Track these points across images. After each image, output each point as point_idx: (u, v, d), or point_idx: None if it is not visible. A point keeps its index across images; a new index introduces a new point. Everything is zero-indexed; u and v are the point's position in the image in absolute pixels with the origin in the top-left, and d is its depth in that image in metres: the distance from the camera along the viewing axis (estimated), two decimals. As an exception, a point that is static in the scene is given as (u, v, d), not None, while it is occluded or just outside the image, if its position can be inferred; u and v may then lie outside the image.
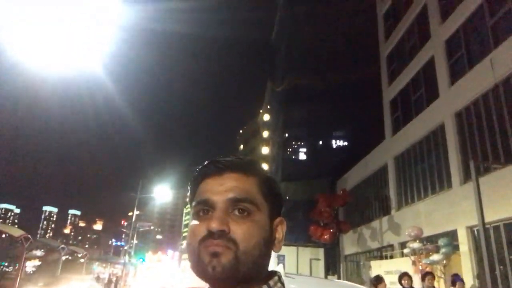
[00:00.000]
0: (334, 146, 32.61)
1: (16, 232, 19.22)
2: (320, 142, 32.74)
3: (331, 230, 20.64)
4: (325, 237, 20.86)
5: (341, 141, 32.82)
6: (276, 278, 0.78)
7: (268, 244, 0.76)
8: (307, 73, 32.53)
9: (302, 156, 33.46)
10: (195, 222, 0.77)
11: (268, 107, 47.39)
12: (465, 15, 14.67)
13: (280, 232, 0.81)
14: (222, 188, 0.77)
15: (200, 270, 0.73)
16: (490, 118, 12.49)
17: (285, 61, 35.25)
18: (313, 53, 32.66)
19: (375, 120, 23.34)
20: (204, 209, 0.77)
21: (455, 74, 15.05)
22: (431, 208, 15.18)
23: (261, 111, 51.96)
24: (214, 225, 0.71)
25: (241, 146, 58.69)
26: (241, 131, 62.87)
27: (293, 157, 33.85)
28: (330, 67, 31.54)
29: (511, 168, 10.78)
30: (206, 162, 0.84)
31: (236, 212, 0.75)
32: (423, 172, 16.49)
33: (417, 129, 17.23)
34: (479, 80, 13.12)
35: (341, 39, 31.61)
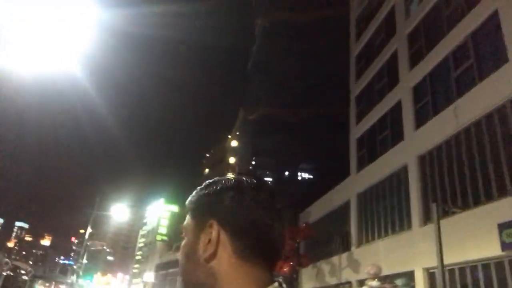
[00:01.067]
0: (300, 178, 32.88)
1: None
2: (286, 173, 32.95)
3: (291, 263, 20.41)
4: (285, 270, 20.57)
5: (307, 173, 33.18)
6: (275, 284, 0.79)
7: (191, 257, 0.82)
8: (279, 105, 33.09)
9: (268, 186, 33.44)
10: None
11: (237, 133, 47.52)
12: (432, 65, 15.53)
13: (203, 237, 0.82)
14: None
15: None
16: (451, 163, 13.03)
17: (259, 91, 35.76)
18: (287, 86, 33.40)
19: (341, 156, 23.84)
20: None
21: (421, 119, 15.73)
22: (390, 247, 15.39)
23: (229, 136, 51.98)
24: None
25: (207, 170, 58.05)
26: (207, 155, 62.35)
27: (258, 186, 33.70)
28: (302, 102, 32.28)
29: (468, 213, 11.17)
30: None
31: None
32: (385, 211, 16.82)
33: (381, 168, 17.69)
34: (443, 126, 13.76)
35: (314, 76, 32.59)
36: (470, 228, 10.88)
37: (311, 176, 32.68)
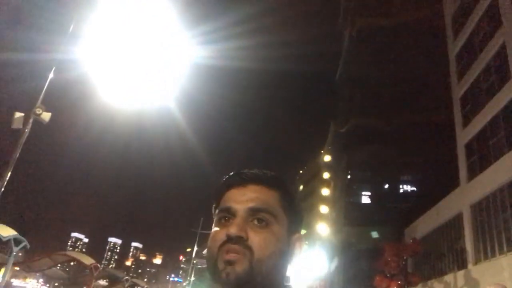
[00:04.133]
0: (401, 191, 30.81)
1: (88, 260, 20.10)
2: (386, 187, 31.16)
3: (399, 282, 19.04)
4: (391, 289, 19.30)
5: (409, 186, 30.97)
6: None
7: (284, 256, 0.79)
8: (371, 114, 31.76)
9: (366, 200, 31.92)
10: (216, 228, 0.82)
11: (330, 148, 46.63)
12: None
13: (298, 247, 0.83)
14: (244, 198, 0.82)
15: (215, 276, 0.75)
16: None
17: (349, 102, 34.84)
18: (378, 95, 31.99)
19: (446, 165, 21.89)
20: (225, 216, 0.82)
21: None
22: (517, 265, 13.46)
23: (322, 151, 51.23)
24: (233, 231, 0.76)
25: (301, 187, 57.80)
26: (301, 172, 62.14)
27: (356, 201, 32.41)
28: (396, 109, 30.56)
29: None
30: (231, 173, 0.89)
31: (255, 222, 0.79)
32: (506, 223, 14.82)
33: (498, 175, 15.72)
34: None
35: (408, 81, 30.71)
36: None
37: (414, 188, 30.39)
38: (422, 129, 28.18)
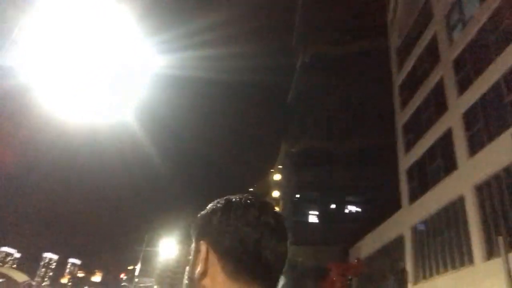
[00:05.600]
0: (347, 212, 31.92)
1: (21, 277, 18.63)
2: (333, 207, 32.14)
3: (342, 301, 19.57)
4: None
5: (355, 207, 32.17)
6: None
7: (191, 277, 0.85)
8: (322, 137, 32.88)
9: (314, 220, 32.67)
10: None
11: (280, 166, 47.42)
12: (483, 90, 14.95)
13: (197, 257, 0.86)
14: None
15: None
16: (513, 193, 12.21)
17: (300, 124, 35.84)
18: (329, 118, 33.27)
19: (389, 188, 23.03)
20: None
21: (474, 146, 15.01)
22: (451, 284, 14.38)
23: (272, 170, 51.95)
24: None
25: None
26: (251, 189, 62.49)
27: (304, 220, 33.07)
28: (345, 133, 31.91)
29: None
30: None
31: None
32: (442, 245, 15.86)
33: (435, 200, 16.87)
34: (500, 153, 13.02)
35: (356, 107, 32.30)
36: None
37: (359, 209, 31.64)
38: (369, 153, 29.58)
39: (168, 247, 39.08)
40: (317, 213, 32.94)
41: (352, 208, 32.24)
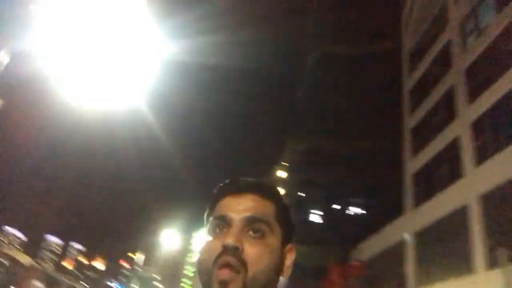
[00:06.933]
0: (350, 213, 32.02)
1: (26, 260, 19.01)
2: (336, 207, 32.24)
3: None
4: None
5: (358, 208, 32.25)
6: None
7: (277, 270, 0.77)
8: (329, 137, 32.91)
9: (317, 219, 32.82)
10: (210, 238, 0.80)
11: (286, 164, 47.49)
12: (493, 100, 14.92)
13: (289, 259, 0.81)
14: (240, 207, 0.79)
15: None
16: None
17: (308, 122, 35.87)
18: (337, 118, 33.27)
19: (394, 192, 23.08)
20: (220, 225, 0.80)
21: (482, 156, 15.01)
22: (451, 292, 14.47)
23: (277, 167, 51.99)
24: (230, 241, 0.73)
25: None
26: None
27: (307, 219, 33.23)
28: (353, 135, 31.90)
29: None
30: (227, 181, 0.87)
31: (251, 232, 0.77)
32: (445, 253, 15.93)
33: (440, 206, 16.91)
34: (507, 164, 13.04)
35: (365, 109, 32.25)
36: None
37: (363, 212, 31.72)
38: (375, 155, 29.58)
39: (170, 237, 39.37)
40: (320, 212, 33.08)
41: (355, 210, 32.32)
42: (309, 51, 40.99)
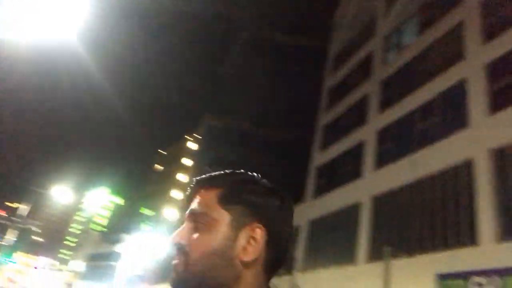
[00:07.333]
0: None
1: None
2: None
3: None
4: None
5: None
6: None
7: (224, 255, 0.76)
8: (246, 119, 33.47)
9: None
10: None
11: (199, 137, 47.25)
12: (400, 114, 16.59)
13: (243, 238, 0.78)
14: (191, 205, 0.84)
15: None
16: (403, 209, 13.95)
17: (229, 100, 35.96)
18: (257, 102, 33.89)
19: (299, 181, 24.49)
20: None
21: (381, 162, 16.69)
22: (334, 278, 16.02)
23: (190, 138, 51.49)
24: (171, 239, 0.80)
25: (159, 167, 56.92)
26: (164, 152, 61.03)
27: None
28: (271, 121, 32.88)
29: (412, 259, 12.00)
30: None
31: (193, 225, 0.80)
32: (334, 242, 17.52)
33: (337, 200, 18.47)
34: (400, 173, 14.71)
35: (285, 98, 33.37)
36: (412, 274, 11.66)
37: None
38: (288, 143, 30.94)
39: (60, 192, 36.78)
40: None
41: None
42: (239, 32, 40.80)
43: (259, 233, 0.78)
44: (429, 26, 17.05)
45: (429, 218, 12.71)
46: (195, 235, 0.78)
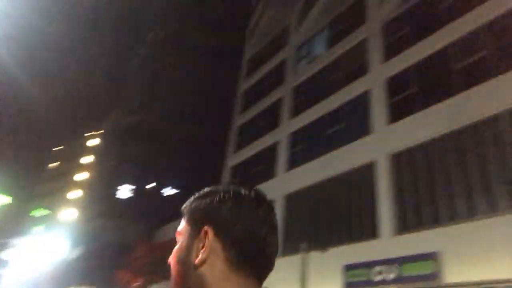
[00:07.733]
0: (163, 193, 32.51)
1: None
2: (151, 185, 32.22)
3: (142, 279, 20.05)
4: (133, 285, 20.09)
5: (172, 189, 33.00)
6: None
7: (186, 263, 0.82)
8: (158, 115, 32.63)
9: (127, 194, 32.03)
10: None
11: (102, 133, 44.48)
12: (310, 120, 17.94)
13: (196, 244, 0.83)
14: None
15: None
16: (313, 206, 15.17)
17: (140, 96, 34.66)
18: (169, 99, 33.27)
19: (211, 180, 24.73)
20: None
21: (293, 163, 17.86)
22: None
23: (93, 133, 48.16)
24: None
25: (55, 164, 52.05)
26: (60, 147, 55.81)
27: (117, 193, 32.08)
28: (182, 118, 32.52)
29: (323, 254, 13.14)
30: None
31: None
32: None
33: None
34: (310, 174, 15.96)
35: (198, 97, 33.33)
36: (324, 266, 12.72)
37: (177, 192, 32.66)
38: (200, 142, 30.94)
39: None
40: (132, 188, 32.45)
41: (169, 191, 33.01)
42: (152, 26, 39.61)
43: (207, 234, 0.82)
44: (337, 41, 18.73)
45: (336, 215, 14.07)
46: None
